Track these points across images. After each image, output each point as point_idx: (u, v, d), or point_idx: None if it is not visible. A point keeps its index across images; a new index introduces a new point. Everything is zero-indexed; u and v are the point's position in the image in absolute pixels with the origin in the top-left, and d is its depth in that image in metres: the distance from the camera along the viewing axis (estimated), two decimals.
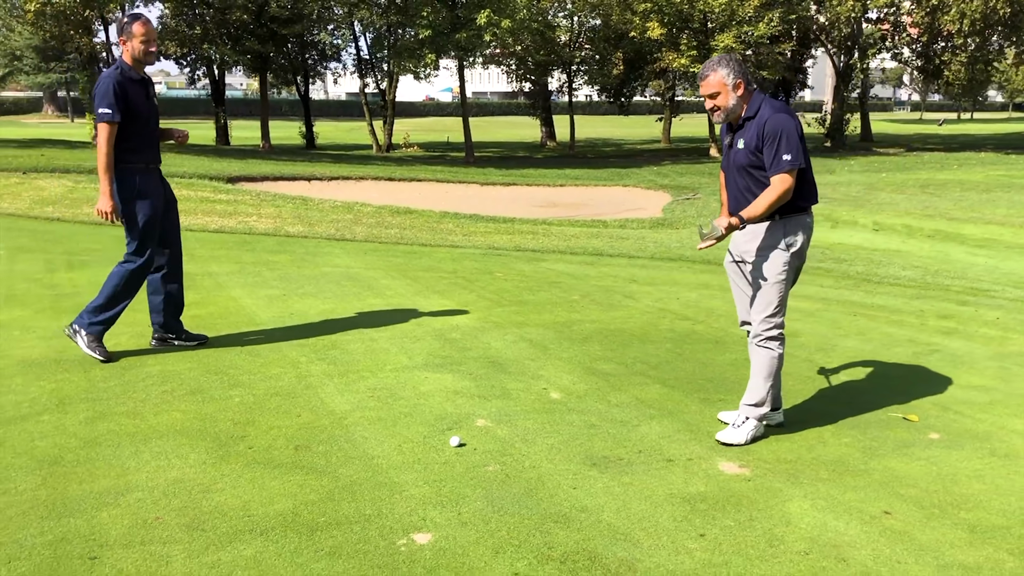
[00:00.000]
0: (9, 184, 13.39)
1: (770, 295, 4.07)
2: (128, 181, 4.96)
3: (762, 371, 4.13)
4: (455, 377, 5.00)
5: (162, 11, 34.47)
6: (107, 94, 4.84)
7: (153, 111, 5.08)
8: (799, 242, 4.05)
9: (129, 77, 4.93)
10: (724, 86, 3.99)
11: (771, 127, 3.90)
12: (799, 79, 45.91)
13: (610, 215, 16.29)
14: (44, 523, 3.15)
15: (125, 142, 4.93)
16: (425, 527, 3.21)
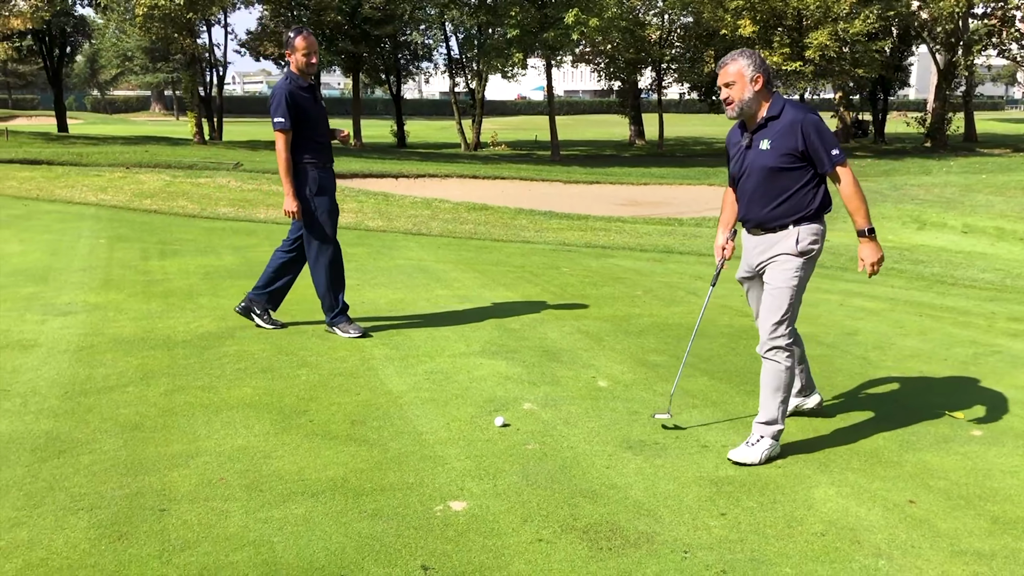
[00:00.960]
0: (113, 178, 14.23)
1: (780, 301, 3.88)
2: (307, 180, 5.46)
3: (769, 385, 3.92)
4: (509, 364, 5.24)
5: (261, 12, 35.77)
6: (280, 105, 5.33)
7: (322, 114, 5.51)
8: (815, 250, 3.92)
9: (298, 85, 5.38)
10: (742, 76, 3.83)
11: (811, 124, 3.79)
12: (898, 77, 44.62)
13: (690, 214, 16.28)
14: (123, 479, 3.51)
15: (301, 145, 5.42)
16: (462, 496, 3.45)
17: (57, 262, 7.80)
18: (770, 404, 3.92)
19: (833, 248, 11.14)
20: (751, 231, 4.06)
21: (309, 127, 5.41)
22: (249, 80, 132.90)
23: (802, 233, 3.87)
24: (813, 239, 3.90)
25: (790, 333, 3.92)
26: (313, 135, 5.43)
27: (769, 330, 3.91)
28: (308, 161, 5.46)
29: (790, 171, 3.85)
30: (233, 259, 8.34)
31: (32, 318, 5.89)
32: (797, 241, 3.87)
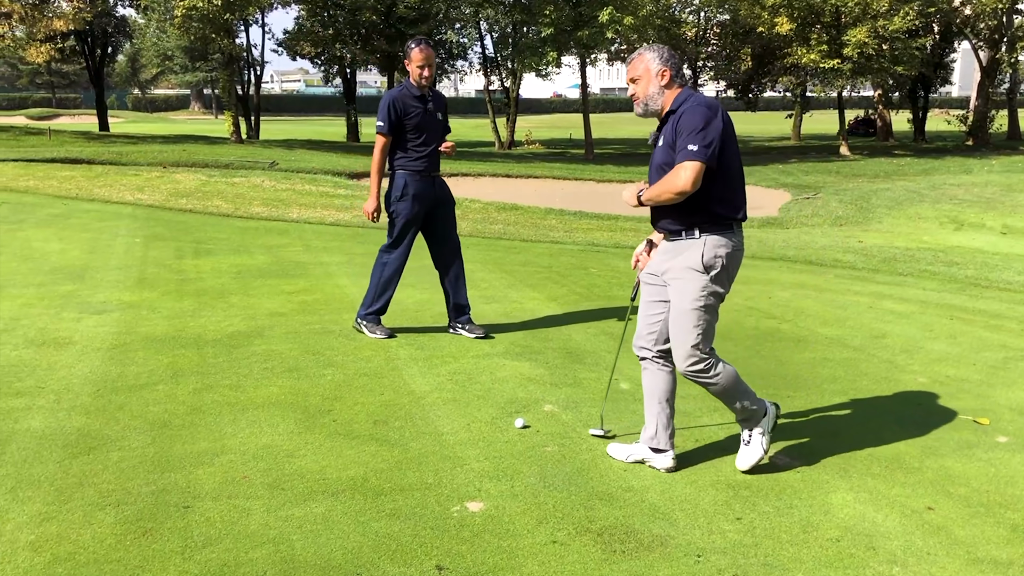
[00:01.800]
0: (151, 178, 14.49)
1: (686, 325, 3.58)
2: (397, 184, 5.57)
3: (721, 397, 3.75)
4: (532, 365, 5.27)
5: (299, 12, 36.12)
6: (382, 110, 5.49)
7: (431, 125, 5.53)
8: (719, 264, 3.56)
9: (409, 94, 5.49)
10: (647, 71, 3.62)
11: (686, 118, 3.47)
12: (939, 75, 43.95)
13: None
14: (149, 476, 3.60)
15: (400, 151, 5.54)
16: (479, 497, 3.50)
17: (94, 260, 7.97)
18: (735, 406, 3.77)
19: (865, 249, 11.03)
20: (665, 236, 3.76)
21: (412, 134, 5.49)
22: (288, 79, 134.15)
23: (708, 244, 3.55)
24: (721, 251, 3.56)
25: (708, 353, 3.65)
26: (414, 143, 5.50)
27: (684, 359, 3.63)
28: (402, 167, 5.55)
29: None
30: (265, 258, 8.46)
31: (68, 316, 6.04)
32: (702, 254, 3.55)
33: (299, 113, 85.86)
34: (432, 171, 5.63)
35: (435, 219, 5.73)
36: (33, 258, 8.01)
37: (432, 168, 5.62)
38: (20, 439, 3.93)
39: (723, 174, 3.51)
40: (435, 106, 5.57)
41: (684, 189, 3.43)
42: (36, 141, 24.03)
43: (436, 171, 5.67)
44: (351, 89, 39.68)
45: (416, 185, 5.57)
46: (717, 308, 3.66)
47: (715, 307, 3.64)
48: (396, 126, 5.48)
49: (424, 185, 5.59)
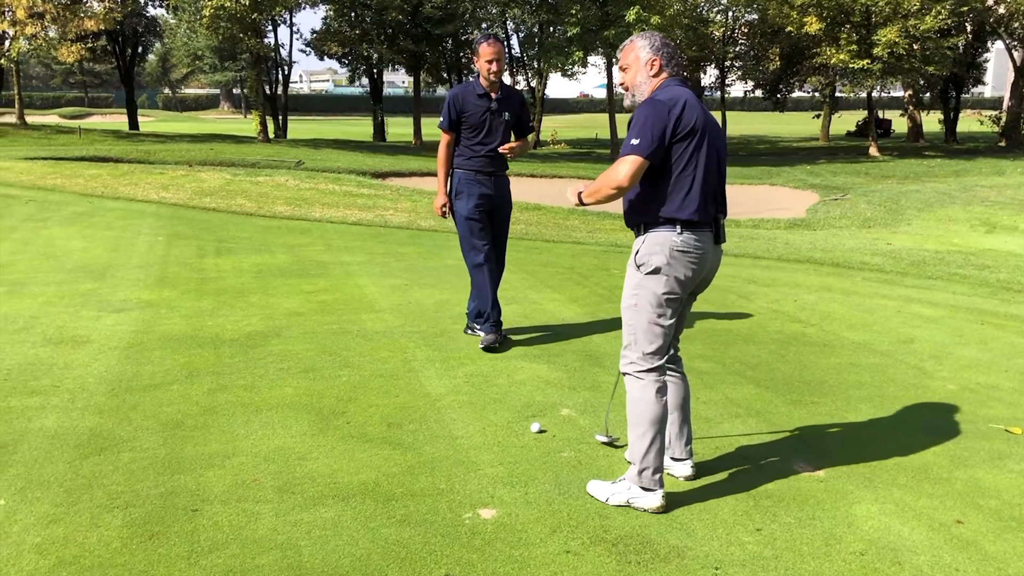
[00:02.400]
0: (176, 176, 14.55)
1: (624, 323, 3.47)
2: (453, 182, 5.53)
3: (629, 419, 3.45)
4: (550, 368, 5.19)
5: (326, 12, 36.25)
6: (444, 107, 5.45)
7: (494, 123, 5.38)
8: (653, 263, 3.34)
9: (472, 91, 5.41)
10: (636, 60, 3.45)
11: (637, 110, 3.35)
12: (971, 75, 43.27)
13: (749, 214, 16.00)
14: (159, 478, 3.56)
15: (460, 149, 5.47)
16: (492, 503, 3.42)
17: (116, 259, 7.99)
18: (630, 437, 3.44)
19: (894, 252, 10.84)
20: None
21: (471, 132, 5.40)
22: (317, 79, 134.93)
23: (648, 241, 3.38)
24: (655, 249, 3.35)
25: (643, 359, 3.40)
26: (472, 141, 5.41)
27: (622, 353, 3.51)
28: (459, 166, 5.48)
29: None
30: (286, 257, 8.44)
31: (87, 314, 6.04)
32: (639, 251, 3.41)
33: (327, 113, 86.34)
34: (491, 170, 5.46)
35: (493, 219, 5.60)
36: (56, 256, 8.04)
37: (491, 167, 5.45)
38: (32, 439, 3.90)
39: (670, 173, 3.31)
40: (502, 105, 5.39)
41: (620, 184, 3.26)
42: (66, 140, 24.29)
43: (497, 171, 5.49)
44: (378, 89, 39.77)
45: (471, 184, 5.46)
46: (656, 312, 3.38)
47: (652, 310, 3.37)
48: (457, 123, 5.40)
49: (480, 184, 5.45)
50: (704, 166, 3.33)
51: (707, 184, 3.36)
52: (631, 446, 3.44)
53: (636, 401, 3.42)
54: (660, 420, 3.40)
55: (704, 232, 3.40)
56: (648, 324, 3.39)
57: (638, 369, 3.42)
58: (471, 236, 5.52)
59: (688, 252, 3.36)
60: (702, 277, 3.49)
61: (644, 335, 3.40)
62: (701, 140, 3.33)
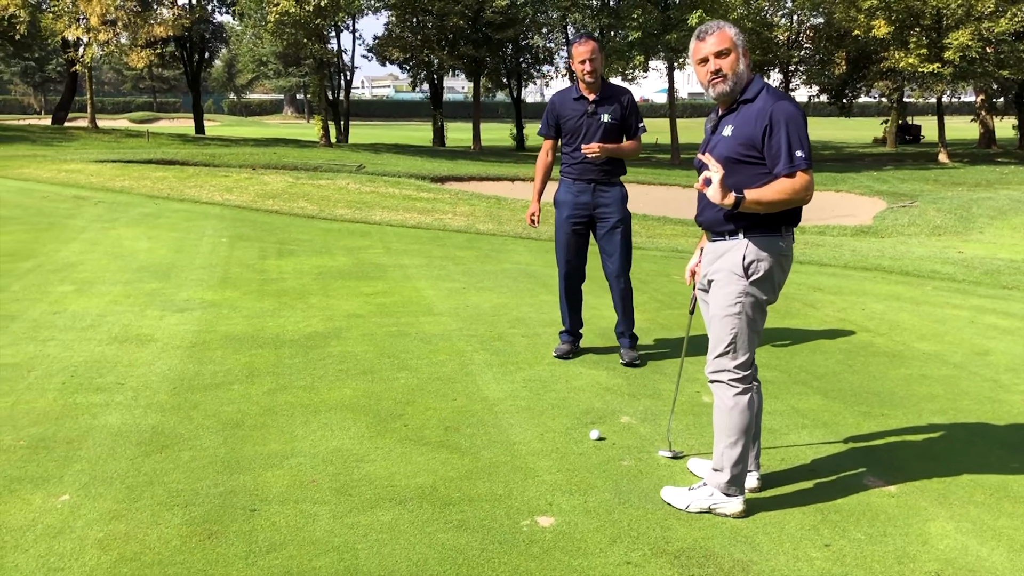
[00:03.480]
0: (240, 179, 14.79)
1: (720, 331, 3.34)
2: (557, 190, 5.41)
3: (716, 424, 3.42)
4: (609, 374, 5.11)
5: (388, 18, 36.62)
6: (545, 113, 5.38)
7: (589, 128, 5.14)
8: (763, 269, 3.28)
9: (568, 96, 5.29)
10: (735, 45, 3.27)
11: (781, 114, 3.20)
12: None
13: (814, 221, 15.68)
14: (219, 476, 3.57)
15: (562, 156, 5.36)
16: (550, 511, 3.36)
17: (180, 259, 8.12)
18: (718, 444, 3.40)
19: (966, 261, 10.49)
20: (708, 236, 3.52)
21: (567, 137, 5.25)
22: (378, 84, 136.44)
23: (752, 246, 3.28)
24: (764, 255, 3.28)
25: (739, 367, 3.34)
26: (569, 147, 5.26)
27: (710, 361, 3.41)
28: (562, 173, 5.35)
29: (747, 165, 3.27)
30: (346, 260, 8.49)
31: (152, 314, 6.13)
32: (744, 257, 3.29)
33: (388, 118, 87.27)
34: (591, 177, 5.20)
35: (598, 230, 5.33)
36: (122, 256, 8.20)
37: (590, 174, 5.20)
38: (96, 435, 3.96)
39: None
40: (601, 107, 5.13)
41: (803, 199, 3.20)
42: (135, 143, 24.90)
43: (598, 178, 5.20)
44: (438, 94, 40.02)
45: (566, 191, 5.31)
46: (758, 319, 3.35)
47: (754, 317, 3.33)
48: (556, 129, 5.28)
49: (575, 191, 5.26)
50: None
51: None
52: (720, 454, 3.38)
53: (728, 409, 3.36)
54: (750, 428, 3.37)
55: (792, 235, 3.40)
56: (749, 332, 3.34)
57: (732, 377, 3.35)
58: (558, 248, 5.39)
59: (788, 257, 3.37)
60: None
61: (743, 343, 3.34)
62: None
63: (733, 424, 3.36)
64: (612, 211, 5.25)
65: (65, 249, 8.42)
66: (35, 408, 4.27)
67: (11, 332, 5.56)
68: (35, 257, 7.98)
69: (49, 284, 6.93)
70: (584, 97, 5.18)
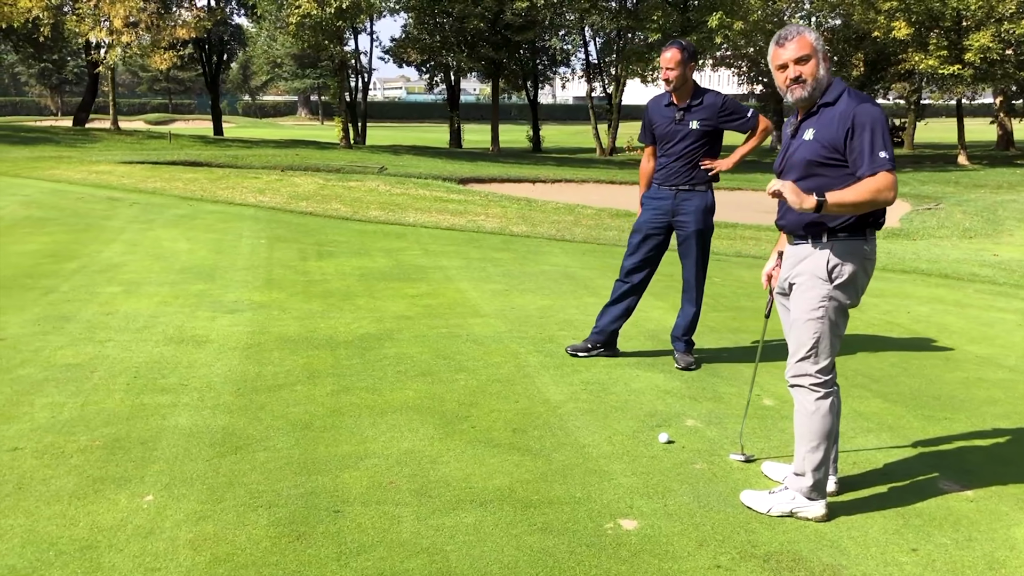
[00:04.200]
0: (270, 180, 14.84)
1: (803, 335, 3.34)
2: (645, 193, 5.42)
3: (797, 429, 3.41)
4: (666, 377, 5.11)
5: (405, 20, 36.72)
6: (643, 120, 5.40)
7: (677, 133, 5.14)
8: (846, 273, 3.27)
9: (660, 102, 5.29)
10: (815, 51, 3.26)
11: (867, 115, 3.18)
12: None
13: None
14: (297, 478, 3.59)
15: (656, 162, 5.34)
16: (631, 514, 3.36)
17: (222, 260, 8.15)
18: (799, 449, 3.39)
19: (1003, 263, 10.44)
20: (788, 240, 3.52)
21: (660, 144, 5.26)
22: (389, 86, 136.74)
23: (835, 250, 3.27)
24: (847, 259, 3.27)
25: (821, 372, 3.33)
26: (660, 152, 5.26)
27: (791, 365, 3.40)
28: (654, 180, 5.35)
29: (830, 167, 3.26)
30: (385, 261, 8.51)
31: (203, 315, 6.16)
32: (827, 261, 3.28)
33: (400, 120, 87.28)
34: (674, 183, 5.18)
35: (677, 237, 5.31)
36: (164, 257, 8.24)
37: (674, 179, 5.18)
38: (169, 436, 3.98)
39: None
40: (690, 114, 5.11)
41: (887, 199, 3.14)
42: (157, 144, 25.01)
43: (681, 183, 5.17)
44: (455, 96, 40.07)
45: (649, 198, 5.32)
46: (840, 323, 3.35)
47: (836, 321, 3.32)
48: (652, 135, 5.29)
49: (657, 196, 5.27)
50: None
51: None
52: (802, 459, 3.37)
53: (810, 414, 3.35)
54: (833, 432, 3.37)
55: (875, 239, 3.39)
56: (831, 336, 3.33)
57: (814, 382, 3.35)
58: (635, 247, 5.36)
59: (872, 260, 3.36)
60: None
61: (825, 347, 3.33)
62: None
63: (815, 429, 3.35)
64: (689, 221, 5.20)
65: (107, 250, 8.46)
66: (105, 408, 4.30)
67: (68, 333, 5.60)
68: (78, 258, 8.03)
69: (96, 285, 6.97)
70: (673, 103, 5.18)
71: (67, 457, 3.72)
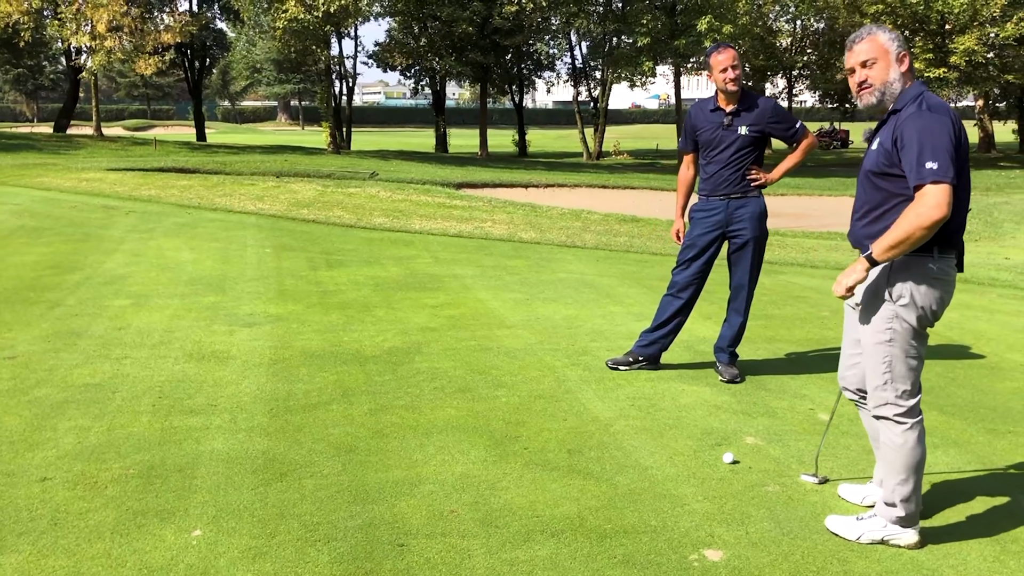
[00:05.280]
0: (268, 187, 14.55)
1: (874, 361, 3.14)
2: (692, 205, 5.19)
3: (883, 458, 3.23)
4: (713, 391, 4.92)
5: (389, 25, 36.48)
6: (683, 126, 5.19)
7: (723, 140, 4.94)
8: (909, 294, 3.04)
9: (705, 107, 5.07)
10: (885, 53, 3.06)
11: (911, 124, 2.98)
12: None
13: (840, 227, 15.53)
14: (352, 507, 3.36)
15: (700, 169, 5.14)
16: (714, 544, 3.16)
17: (230, 271, 7.89)
18: (888, 481, 3.18)
19: (1018, 267, 10.35)
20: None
21: (703, 151, 5.05)
22: (368, 91, 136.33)
23: (896, 269, 3.05)
24: (909, 279, 3.04)
25: (900, 398, 3.12)
26: (704, 161, 5.05)
27: (872, 394, 3.20)
28: (699, 188, 5.16)
29: (892, 179, 3.08)
30: (398, 270, 8.28)
31: (220, 328, 5.91)
32: (888, 280, 3.07)
33: (381, 124, 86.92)
34: (725, 192, 4.97)
35: (730, 246, 5.09)
36: (170, 267, 7.97)
37: (725, 188, 4.96)
38: (207, 463, 3.74)
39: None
40: (739, 120, 4.89)
41: (933, 218, 2.86)
42: (143, 151, 24.61)
43: (732, 192, 4.96)
44: (441, 101, 39.82)
45: (698, 209, 5.10)
46: (914, 346, 3.10)
47: (909, 344, 3.09)
48: (695, 143, 5.09)
49: (706, 207, 5.05)
50: (966, 185, 3.03)
51: (965, 205, 3.07)
52: (891, 491, 3.17)
53: (898, 447, 3.15)
54: (922, 462, 3.16)
55: (952, 258, 3.12)
56: (906, 359, 3.12)
57: (896, 412, 3.15)
58: (686, 262, 5.09)
59: (944, 280, 3.09)
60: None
61: (900, 372, 3.12)
62: (966, 153, 3.04)
63: (902, 462, 3.15)
64: (745, 228, 4.99)
65: (109, 261, 8.18)
66: (133, 433, 4.05)
67: (81, 350, 5.33)
68: (81, 269, 7.74)
69: (104, 298, 6.70)
70: (720, 108, 4.95)
71: (102, 488, 3.48)
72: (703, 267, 5.13)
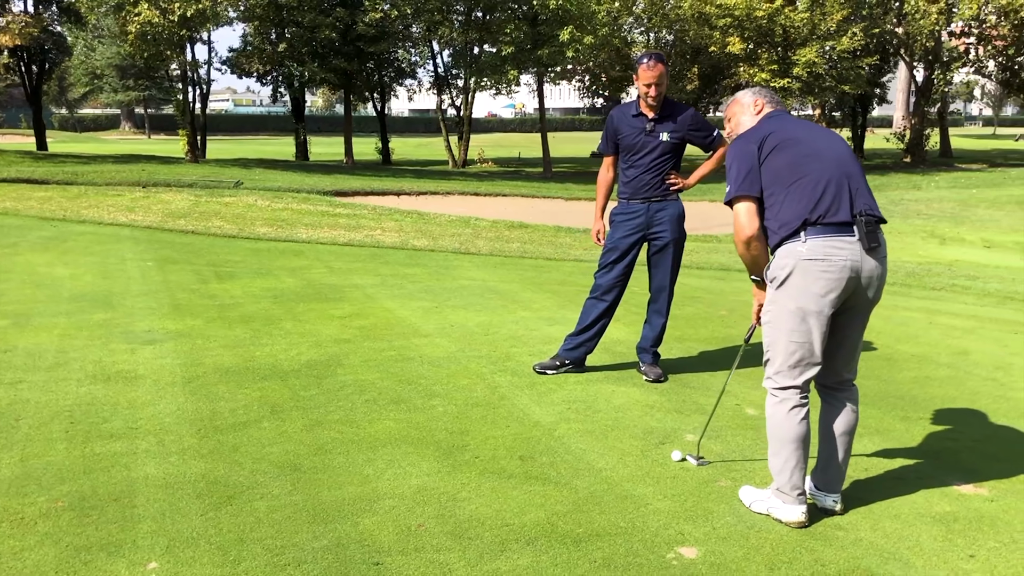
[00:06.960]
0: (136, 198, 13.79)
1: (765, 339, 3.41)
2: (612, 209, 5.15)
3: (770, 441, 3.44)
4: (642, 391, 4.99)
5: (244, 30, 35.36)
6: (604, 129, 5.17)
7: (646, 146, 5.01)
8: (784, 276, 3.28)
9: (627, 112, 5.06)
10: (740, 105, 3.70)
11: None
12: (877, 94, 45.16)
13: (718, 230, 16.16)
14: (313, 528, 3.21)
15: (620, 173, 5.13)
16: (686, 541, 3.20)
17: (114, 286, 7.43)
18: (775, 463, 3.39)
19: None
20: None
21: (624, 155, 5.08)
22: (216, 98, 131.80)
23: (777, 256, 3.35)
24: (783, 264, 3.29)
25: (776, 375, 3.36)
26: (625, 165, 5.07)
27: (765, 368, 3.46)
28: (618, 192, 5.18)
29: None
30: (293, 281, 8.01)
31: (119, 347, 5.54)
32: (770, 265, 3.39)
33: (233, 132, 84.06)
34: (645, 195, 5.06)
35: (650, 248, 5.19)
36: (45, 284, 7.42)
37: (645, 192, 5.05)
38: (144, 489, 3.49)
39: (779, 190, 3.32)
40: (661, 126, 5.00)
41: (747, 235, 3.34)
42: None
43: (653, 195, 5.06)
44: (300, 108, 38.92)
45: (619, 212, 5.14)
46: (795, 329, 3.26)
47: (788, 327, 3.27)
48: (615, 146, 5.12)
49: (627, 210, 5.11)
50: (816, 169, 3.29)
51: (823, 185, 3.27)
52: (769, 459, 3.44)
53: (768, 417, 3.43)
54: (795, 440, 3.34)
55: (839, 237, 3.23)
56: (785, 341, 3.31)
57: (773, 386, 3.39)
58: (608, 266, 5.17)
59: (819, 261, 3.21)
60: (853, 290, 3.29)
61: (777, 351, 3.35)
62: (798, 147, 3.35)
63: (772, 433, 3.41)
64: (666, 230, 5.10)
65: None
66: (51, 462, 3.73)
67: None
68: None
69: None
70: (643, 114, 5.04)
71: (30, 523, 3.19)
72: (625, 269, 5.21)
